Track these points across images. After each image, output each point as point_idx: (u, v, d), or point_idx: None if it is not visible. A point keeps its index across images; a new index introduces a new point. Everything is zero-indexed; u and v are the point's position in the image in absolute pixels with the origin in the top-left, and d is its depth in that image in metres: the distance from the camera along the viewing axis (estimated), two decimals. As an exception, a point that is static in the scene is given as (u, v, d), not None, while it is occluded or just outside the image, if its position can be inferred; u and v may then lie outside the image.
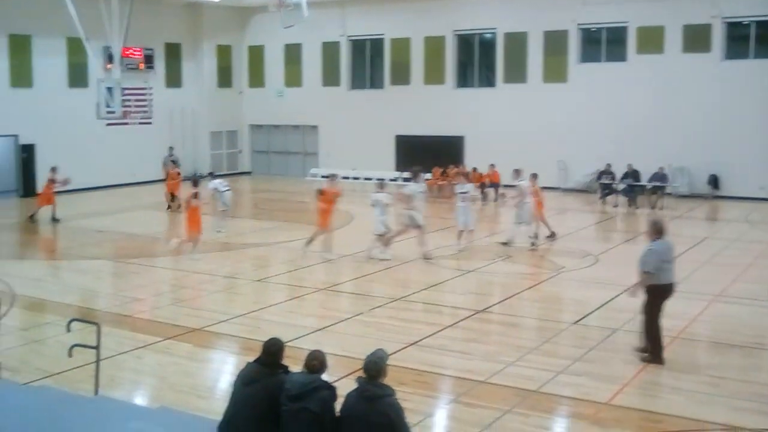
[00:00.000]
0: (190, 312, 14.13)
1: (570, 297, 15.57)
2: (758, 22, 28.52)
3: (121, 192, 32.17)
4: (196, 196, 19.10)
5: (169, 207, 26.97)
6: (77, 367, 10.36)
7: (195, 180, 20.53)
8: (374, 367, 6.76)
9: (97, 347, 9.14)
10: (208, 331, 12.94)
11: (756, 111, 27.77)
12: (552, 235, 20.64)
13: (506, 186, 28.78)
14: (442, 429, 9.32)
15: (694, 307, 14.00)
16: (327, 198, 19.22)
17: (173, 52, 36.52)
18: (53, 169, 25.25)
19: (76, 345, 9.24)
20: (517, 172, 21.00)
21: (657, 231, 11.35)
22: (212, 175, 23.21)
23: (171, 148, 31.47)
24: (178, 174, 27.91)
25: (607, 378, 10.59)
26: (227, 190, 22.68)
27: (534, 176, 20.75)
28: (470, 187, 20.66)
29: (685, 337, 12.43)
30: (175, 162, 29.69)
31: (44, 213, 24.49)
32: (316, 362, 6.95)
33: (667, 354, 11.53)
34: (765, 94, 27.64)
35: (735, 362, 11.40)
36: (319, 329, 12.93)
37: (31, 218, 24.55)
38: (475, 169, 30.16)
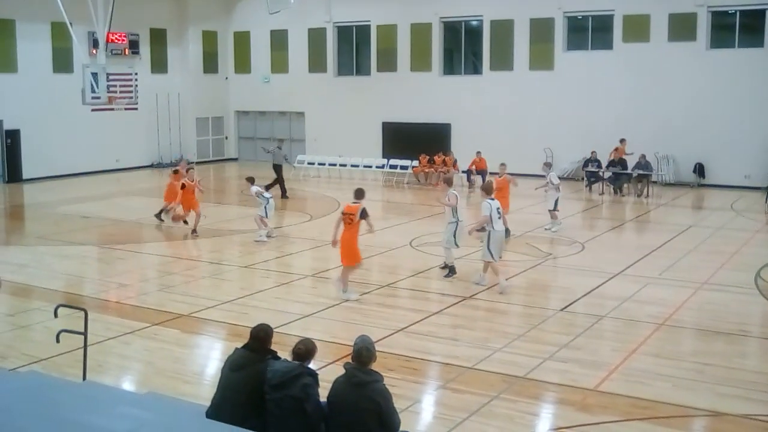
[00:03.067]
0: (178, 298, 14.11)
1: (557, 284, 15.63)
2: (743, 12, 28.62)
3: (106, 178, 32.05)
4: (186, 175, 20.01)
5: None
6: (65, 353, 10.36)
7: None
8: (366, 353, 6.77)
9: (84, 333, 9.13)
10: (195, 317, 12.93)
11: (741, 100, 27.88)
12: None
13: (492, 173, 28.86)
14: (430, 414, 9.35)
15: (680, 294, 14.10)
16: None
17: (158, 37, 36.30)
18: (185, 166, 22.11)
19: (64, 331, 9.21)
20: (548, 165, 21.26)
21: None
22: (252, 180, 20.18)
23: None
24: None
25: (594, 364, 10.66)
26: (271, 197, 20.34)
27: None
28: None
29: (671, 324, 12.51)
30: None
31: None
32: (302, 348, 6.96)
33: (653, 341, 11.64)
34: (750, 83, 27.76)
35: (720, 349, 11.47)
36: (307, 315, 12.95)
37: (159, 216, 21.70)
38: (455, 163, 30.18)
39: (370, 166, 32.97)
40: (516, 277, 15.71)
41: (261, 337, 7.15)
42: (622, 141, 28.25)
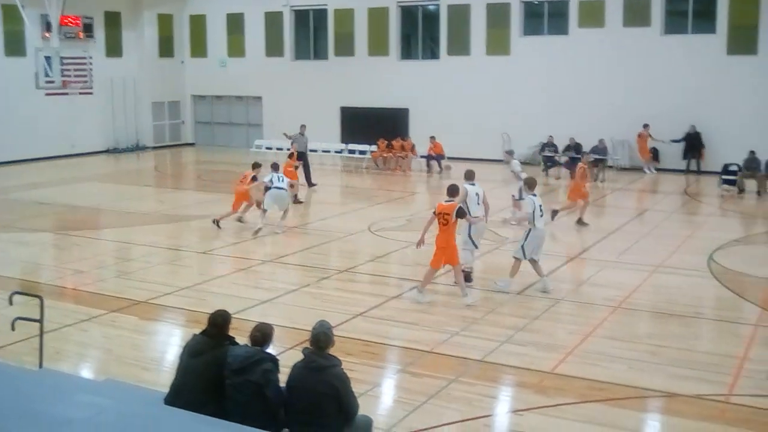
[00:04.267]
0: (135, 284, 14.02)
1: (514, 268, 15.77)
2: (697, -3, 29.02)
3: (61, 163, 31.62)
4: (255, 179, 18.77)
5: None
6: (21, 341, 10.27)
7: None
8: (324, 338, 6.83)
9: (40, 320, 9.05)
10: (153, 304, 12.87)
11: (692, 85, 28.22)
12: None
13: (450, 158, 29.00)
14: (389, 398, 9.43)
15: (635, 277, 14.32)
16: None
17: (113, 20, 35.76)
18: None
19: (19, 318, 9.12)
20: (510, 153, 21.30)
21: None
22: (275, 167, 18.99)
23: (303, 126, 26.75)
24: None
25: (551, 347, 10.80)
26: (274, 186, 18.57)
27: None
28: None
29: (626, 307, 12.71)
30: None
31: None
32: (258, 334, 7.01)
33: (608, 323, 11.83)
34: (703, 68, 28.12)
35: (674, 331, 11.68)
36: (266, 301, 12.95)
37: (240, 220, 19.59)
38: (413, 147, 30.27)
39: (329, 151, 32.93)
40: (474, 261, 15.81)
41: (219, 323, 7.17)
42: (646, 126, 28.70)
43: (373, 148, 31.09)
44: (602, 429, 8.42)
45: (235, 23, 37.50)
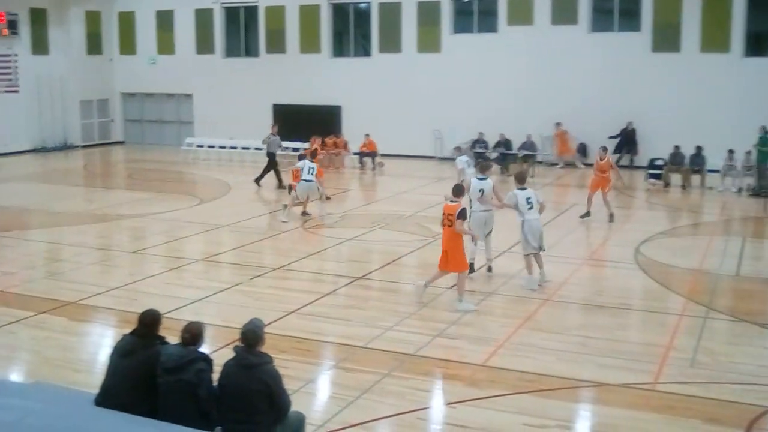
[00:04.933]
0: (65, 285, 13.81)
1: (446, 263, 15.91)
2: (623, -4, 29.63)
3: (-14, 163, 30.91)
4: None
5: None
6: (-54, 345, 10.05)
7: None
8: (252, 336, 6.85)
9: (-34, 323, 8.88)
10: (83, 305, 12.69)
11: (620, 82, 28.79)
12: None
13: (383, 155, 29.12)
14: (323, 394, 9.48)
15: (564, 270, 14.57)
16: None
17: (39, 17, 34.98)
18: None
19: (-56, 322, 8.95)
20: (458, 150, 21.30)
21: None
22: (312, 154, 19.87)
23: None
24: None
25: (482, 340, 10.95)
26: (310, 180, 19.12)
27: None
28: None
29: (556, 300, 12.94)
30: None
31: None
32: (187, 335, 6.98)
33: (538, 316, 12.04)
34: (628, 66, 28.70)
35: (602, 322, 11.93)
36: (198, 300, 12.87)
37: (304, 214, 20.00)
38: (346, 145, 30.33)
39: (261, 149, 32.69)
40: (407, 257, 15.96)
41: (149, 322, 7.14)
42: (558, 124, 29.06)
43: (306, 145, 31.00)
44: (533, 419, 8.58)
45: (165, 20, 37.05)
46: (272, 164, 24.96)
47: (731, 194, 23.92)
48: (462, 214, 12.25)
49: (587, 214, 19.44)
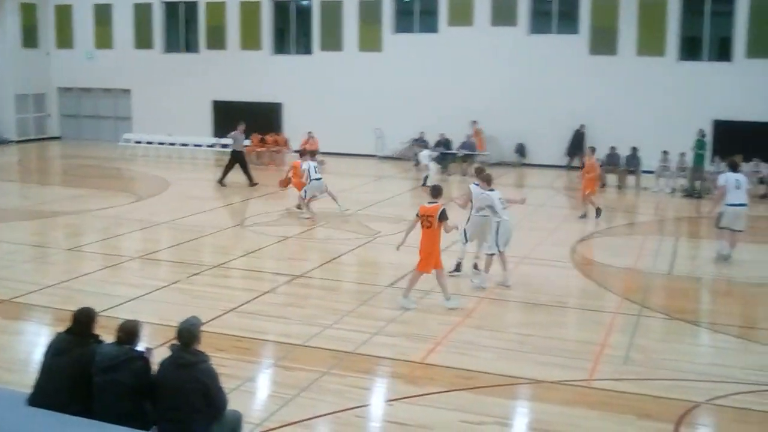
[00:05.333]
0: (-3, 283, 13.54)
1: (386, 261, 15.91)
2: (561, -1, 30.06)
3: None
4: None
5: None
6: None
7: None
8: (187, 334, 6.80)
9: None
10: (17, 303, 12.44)
11: (558, 83, 29.21)
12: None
13: (324, 153, 29.06)
14: (261, 393, 9.44)
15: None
16: None
17: (-29, 9, 34.33)
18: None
19: None
20: (420, 146, 21.46)
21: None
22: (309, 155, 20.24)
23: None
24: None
25: (421, 337, 11.02)
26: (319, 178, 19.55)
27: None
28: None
29: (494, 298, 13.09)
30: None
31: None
32: (122, 334, 6.90)
33: (477, 313, 12.16)
34: (567, 67, 29.11)
35: (539, 320, 12.09)
36: (135, 298, 12.71)
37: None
38: (287, 142, 30.28)
39: (201, 145, 32.50)
40: (346, 255, 15.99)
41: (83, 320, 7.04)
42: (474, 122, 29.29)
43: (247, 142, 30.78)
44: (470, 416, 8.65)
45: (103, 14, 36.53)
46: (239, 162, 24.57)
47: (665, 195, 24.44)
48: (444, 215, 12.11)
49: (598, 211, 20.07)
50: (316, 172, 19.38)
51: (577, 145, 28.80)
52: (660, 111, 27.93)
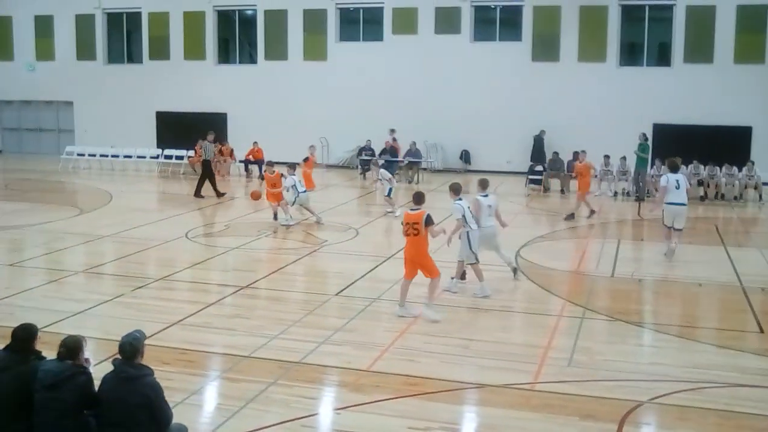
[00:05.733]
0: (-65, 301, 13.26)
1: (332, 270, 15.96)
2: (504, 7, 30.40)
3: None
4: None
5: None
6: None
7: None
8: (129, 348, 6.76)
9: None
10: (-45, 321, 12.21)
11: (501, 90, 29.53)
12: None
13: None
14: (207, 405, 9.37)
15: (447, 274, 14.70)
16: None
17: None
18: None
19: None
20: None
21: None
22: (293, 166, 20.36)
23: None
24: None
25: (368, 345, 11.04)
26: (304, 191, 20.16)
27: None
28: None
29: (439, 303, 13.12)
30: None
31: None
32: (63, 349, 6.84)
33: (422, 320, 12.21)
34: (509, 74, 29.47)
35: (484, 324, 12.19)
36: (79, 313, 12.54)
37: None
38: (232, 152, 30.17)
39: (144, 157, 32.21)
40: (293, 265, 15.96)
41: (23, 337, 6.95)
42: (392, 131, 29.44)
43: (191, 153, 30.63)
44: (417, 422, 8.69)
45: (44, 25, 36.07)
46: (207, 172, 24.35)
47: (607, 198, 24.81)
48: (430, 220, 12.02)
49: (591, 212, 21.26)
50: (301, 184, 19.98)
51: (539, 150, 29.08)
52: (601, 115, 28.41)
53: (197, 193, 24.02)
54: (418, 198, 12.37)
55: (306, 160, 22.50)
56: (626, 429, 8.54)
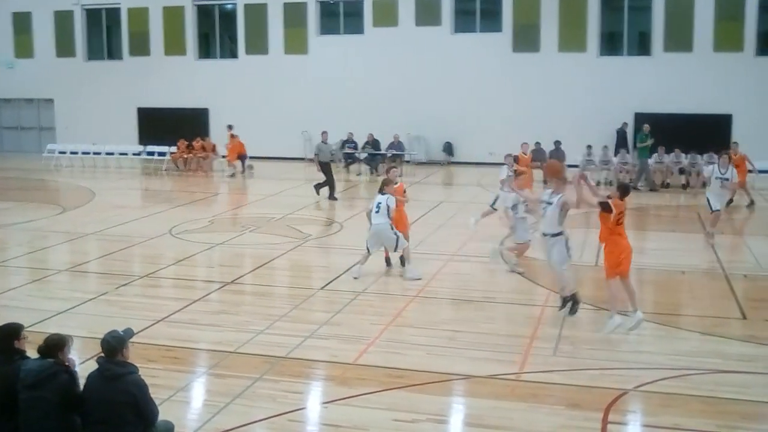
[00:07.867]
0: None
1: (317, 264, 15.99)
2: (484, -2, 30.47)
3: None
4: None
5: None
6: None
7: None
8: (108, 346, 6.73)
9: None
10: (-62, 322, 12.13)
11: (482, 81, 29.57)
12: None
13: (252, 158, 28.95)
14: (194, 402, 9.37)
15: (432, 266, 14.87)
16: None
17: None
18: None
19: None
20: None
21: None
22: None
23: None
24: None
25: (353, 339, 11.05)
26: None
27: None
28: None
29: (424, 295, 13.20)
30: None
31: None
32: (42, 346, 6.80)
33: (408, 312, 12.25)
34: (490, 65, 29.51)
35: (469, 316, 12.23)
36: (63, 311, 12.49)
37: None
38: (214, 147, 30.11)
39: (126, 154, 32.09)
40: (278, 259, 15.95)
41: (5, 336, 6.92)
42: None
43: (173, 149, 30.53)
44: (403, 415, 8.72)
45: (23, 22, 35.82)
46: (327, 173, 23.21)
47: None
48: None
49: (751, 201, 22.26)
50: None
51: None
52: (582, 105, 28.50)
53: (331, 196, 23.09)
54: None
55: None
56: (612, 417, 8.60)
